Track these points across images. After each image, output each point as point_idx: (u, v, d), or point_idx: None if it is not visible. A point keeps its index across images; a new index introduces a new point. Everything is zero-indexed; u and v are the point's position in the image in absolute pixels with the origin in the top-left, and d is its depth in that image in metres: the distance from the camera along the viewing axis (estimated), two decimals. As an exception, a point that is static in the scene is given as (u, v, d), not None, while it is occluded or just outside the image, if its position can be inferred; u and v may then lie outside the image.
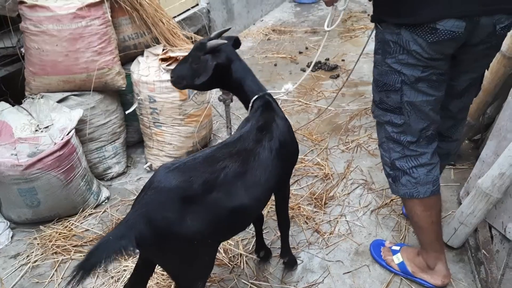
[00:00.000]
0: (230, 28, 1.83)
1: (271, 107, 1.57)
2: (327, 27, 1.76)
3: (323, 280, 1.83)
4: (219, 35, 1.65)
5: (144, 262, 1.45)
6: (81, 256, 2.00)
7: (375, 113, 1.61)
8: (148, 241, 1.20)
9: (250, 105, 1.58)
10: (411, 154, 1.54)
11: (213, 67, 1.51)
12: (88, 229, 2.16)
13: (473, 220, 1.84)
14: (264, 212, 2.18)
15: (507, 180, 1.74)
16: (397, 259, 1.83)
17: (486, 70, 1.63)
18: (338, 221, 2.14)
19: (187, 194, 1.24)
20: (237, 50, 1.65)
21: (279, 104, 1.65)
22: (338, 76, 3.71)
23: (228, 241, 2.02)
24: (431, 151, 1.56)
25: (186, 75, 1.59)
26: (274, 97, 1.65)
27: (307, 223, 2.15)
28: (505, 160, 1.74)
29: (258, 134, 1.46)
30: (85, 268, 1.11)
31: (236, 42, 1.67)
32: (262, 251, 1.91)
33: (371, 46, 1.60)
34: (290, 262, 1.88)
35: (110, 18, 2.28)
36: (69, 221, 2.20)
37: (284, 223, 1.81)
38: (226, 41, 1.59)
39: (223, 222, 1.32)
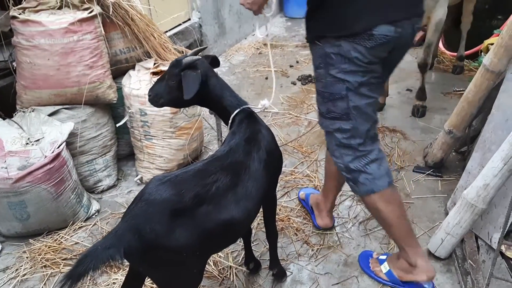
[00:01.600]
0: (206, 47, 1.88)
1: (255, 118, 1.59)
2: (262, 35, 1.82)
3: (312, 292, 1.84)
4: (195, 53, 1.65)
5: (134, 274, 1.45)
6: (66, 271, 1.99)
7: (324, 124, 1.69)
8: (136, 253, 1.21)
9: (231, 119, 1.59)
10: (361, 155, 1.64)
11: (200, 78, 1.51)
12: (78, 242, 2.16)
13: (459, 231, 1.87)
14: (254, 224, 2.19)
15: (491, 191, 1.78)
16: (384, 268, 1.85)
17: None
18: (327, 233, 2.16)
19: (177, 207, 1.24)
20: (229, 65, 1.68)
21: (270, 116, 1.68)
22: (328, 89, 3.75)
23: (218, 253, 2.02)
24: (377, 147, 1.68)
25: (163, 93, 1.60)
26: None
27: (296, 235, 2.16)
28: (489, 171, 1.79)
29: (247, 146, 1.48)
30: (73, 277, 1.11)
31: (214, 61, 1.70)
32: (251, 263, 1.92)
33: None
34: (279, 274, 1.89)
35: (103, 33, 2.31)
36: (58, 234, 2.19)
37: (272, 234, 1.82)
38: (201, 57, 1.61)
39: (213, 235, 1.33)
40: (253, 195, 1.41)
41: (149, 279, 1.56)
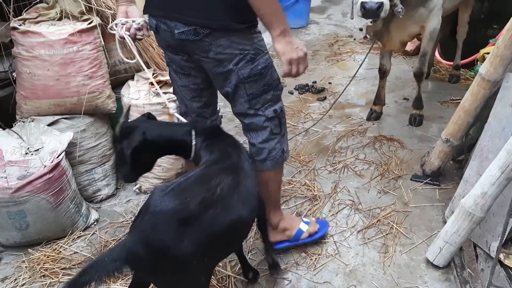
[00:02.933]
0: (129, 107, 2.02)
1: (215, 129, 1.70)
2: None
3: (311, 301, 1.85)
4: (126, 115, 1.61)
5: (138, 284, 1.46)
6: (69, 278, 1.99)
7: None
8: (145, 265, 1.22)
9: (193, 146, 1.58)
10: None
11: (129, 155, 1.48)
12: (76, 252, 2.16)
13: (457, 239, 1.88)
14: (250, 233, 2.20)
15: (489, 199, 1.79)
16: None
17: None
18: (325, 241, 2.17)
19: (184, 216, 1.25)
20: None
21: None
22: (325, 98, 3.79)
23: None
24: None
25: (126, 168, 1.55)
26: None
27: (295, 244, 2.16)
28: (486, 179, 1.80)
29: (233, 150, 1.54)
30: (76, 286, 1.12)
31: (149, 117, 1.71)
32: (250, 273, 1.92)
33: (360, 70, 1.68)
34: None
35: (102, 43, 2.34)
36: (57, 243, 2.19)
37: (264, 223, 1.79)
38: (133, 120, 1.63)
39: (221, 238, 1.34)
40: (254, 192, 1.47)
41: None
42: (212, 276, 1.95)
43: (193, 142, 1.58)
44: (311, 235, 2.09)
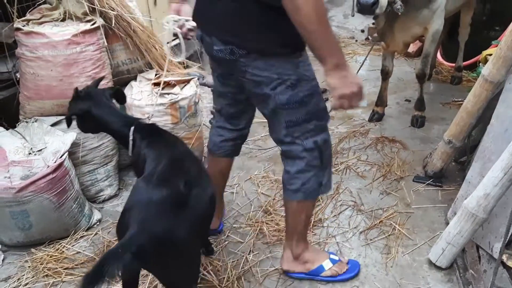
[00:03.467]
0: (103, 77, 2.10)
1: (154, 128, 1.75)
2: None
3: (314, 301, 1.85)
4: (96, 84, 1.88)
5: (131, 277, 1.48)
6: (72, 278, 2.00)
7: None
8: (151, 255, 1.25)
9: (131, 138, 1.67)
10: None
11: (70, 116, 1.75)
12: (79, 252, 2.16)
13: (460, 240, 1.88)
14: (253, 234, 2.21)
15: (492, 200, 1.79)
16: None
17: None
18: (327, 242, 2.17)
19: (177, 200, 1.33)
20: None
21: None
22: (327, 99, 3.78)
23: (218, 262, 2.04)
24: None
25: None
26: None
27: (298, 245, 2.16)
28: (489, 181, 1.80)
29: (174, 143, 1.66)
30: (97, 276, 1.13)
31: (118, 94, 1.85)
32: (208, 246, 2.06)
33: (361, 71, 1.69)
34: (210, 251, 2.07)
35: (105, 44, 2.35)
36: (60, 243, 2.20)
37: None
38: (94, 89, 1.82)
39: (205, 215, 1.47)
40: (208, 175, 1.62)
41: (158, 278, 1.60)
42: (215, 277, 1.96)
43: (130, 137, 1.67)
44: (334, 275, 1.91)
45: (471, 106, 2.29)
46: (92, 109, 1.72)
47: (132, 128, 1.68)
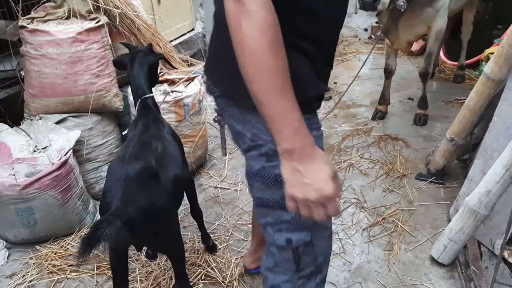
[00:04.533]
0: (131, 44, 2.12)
1: (150, 108, 1.83)
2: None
3: (316, 298, 1.85)
4: (149, 47, 1.99)
5: (120, 262, 1.53)
6: (77, 275, 2.02)
7: None
8: (138, 225, 1.33)
9: (137, 107, 1.84)
10: None
11: (123, 60, 1.91)
12: (84, 249, 2.18)
13: (462, 237, 1.89)
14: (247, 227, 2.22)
15: (493, 197, 1.80)
16: None
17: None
18: (331, 239, 2.18)
19: (152, 172, 1.44)
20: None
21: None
22: (330, 98, 3.80)
23: (221, 260, 2.06)
24: None
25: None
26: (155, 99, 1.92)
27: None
28: (491, 178, 1.81)
29: (155, 124, 1.74)
30: (92, 240, 1.19)
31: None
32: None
33: (363, 69, 1.68)
34: (212, 247, 2.11)
35: (109, 42, 2.36)
36: (65, 240, 2.21)
37: (196, 211, 2.03)
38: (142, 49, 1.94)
39: (175, 188, 1.56)
40: (178, 156, 1.72)
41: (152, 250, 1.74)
42: (219, 273, 1.97)
43: (136, 109, 1.84)
44: None
45: (473, 104, 2.29)
46: (128, 67, 1.88)
47: (139, 100, 1.83)
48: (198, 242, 2.15)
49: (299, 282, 1.16)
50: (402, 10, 2.55)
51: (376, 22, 5.07)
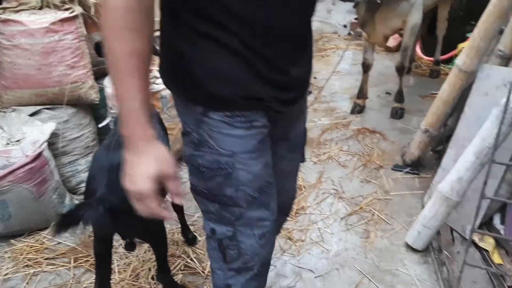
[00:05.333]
0: None
1: None
2: None
3: (295, 284, 1.88)
4: None
5: (103, 250, 1.53)
6: (53, 268, 1.99)
7: None
8: (122, 214, 1.29)
9: None
10: None
11: None
12: (60, 242, 2.15)
13: (435, 223, 1.94)
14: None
15: (464, 184, 1.85)
16: None
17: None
18: (309, 228, 2.20)
19: None
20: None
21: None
22: (310, 92, 3.82)
23: (201, 251, 2.06)
24: None
25: None
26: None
27: (280, 232, 2.19)
28: (462, 165, 1.86)
29: None
30: (71, 218, 1.22)
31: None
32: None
33: (343, 64, 1.70)
34: (192, 239, 2.10)
35: (84, 33, 2.33)
36: (40, 234, 2.18)
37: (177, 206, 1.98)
38: None
39: None
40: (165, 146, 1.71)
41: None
42: (198, 264, 1.97)
43: None
44: None
45: (447, 96, 2.35)
46: None
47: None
48: (178, 234, 2.14)
49: (229, 273, 1.17)
50: (379, 2, 2.60)
51: (355, 19, 5.13)
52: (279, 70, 1.02)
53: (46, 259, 2.04)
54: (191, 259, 2.00)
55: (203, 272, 1.95)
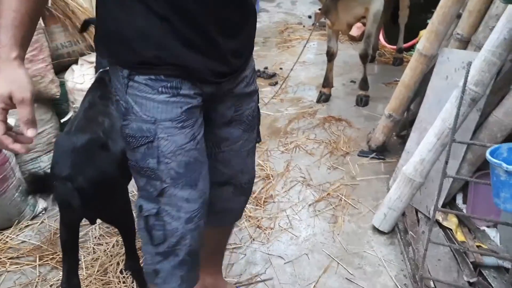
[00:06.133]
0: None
1: (102, 84, 1.72)
2: None
3: (265, 271, 1.89)
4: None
5: (70, 237, 1.51)
6: (17, 267, 1.93)
7: None
8: (90, 195, 1.32)
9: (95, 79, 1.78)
10: None
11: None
12: (24, 241, 2.08)
13: (400, 205, 1.99)
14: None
15: (427, 165, 1.91)
16: None
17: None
18: (278, 216, 2.22)
19: (100, 143, 1.43)
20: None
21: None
22: (276, 83, 3.84)
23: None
24: None
25: None
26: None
27: (249, 221, 2.20)
28: (424, 147, 1.91)
29: (101, 101, 1.65)
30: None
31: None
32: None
33: (308, 54, 1.69)
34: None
35: (42, 26, 2.25)
36: (3, 234, 2.11)
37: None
38: None
39: (124, 159, 1.50)
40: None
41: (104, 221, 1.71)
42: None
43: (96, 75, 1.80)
44: None
45: (408, 80, 2.41)
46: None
47: (98, 72, 1.76)
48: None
49: (156, 258, 1.14)
50: None
51: (319, 9, 5.17)
52: (208, 39, 1.01)
53: (10, 258, 1.98)
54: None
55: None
